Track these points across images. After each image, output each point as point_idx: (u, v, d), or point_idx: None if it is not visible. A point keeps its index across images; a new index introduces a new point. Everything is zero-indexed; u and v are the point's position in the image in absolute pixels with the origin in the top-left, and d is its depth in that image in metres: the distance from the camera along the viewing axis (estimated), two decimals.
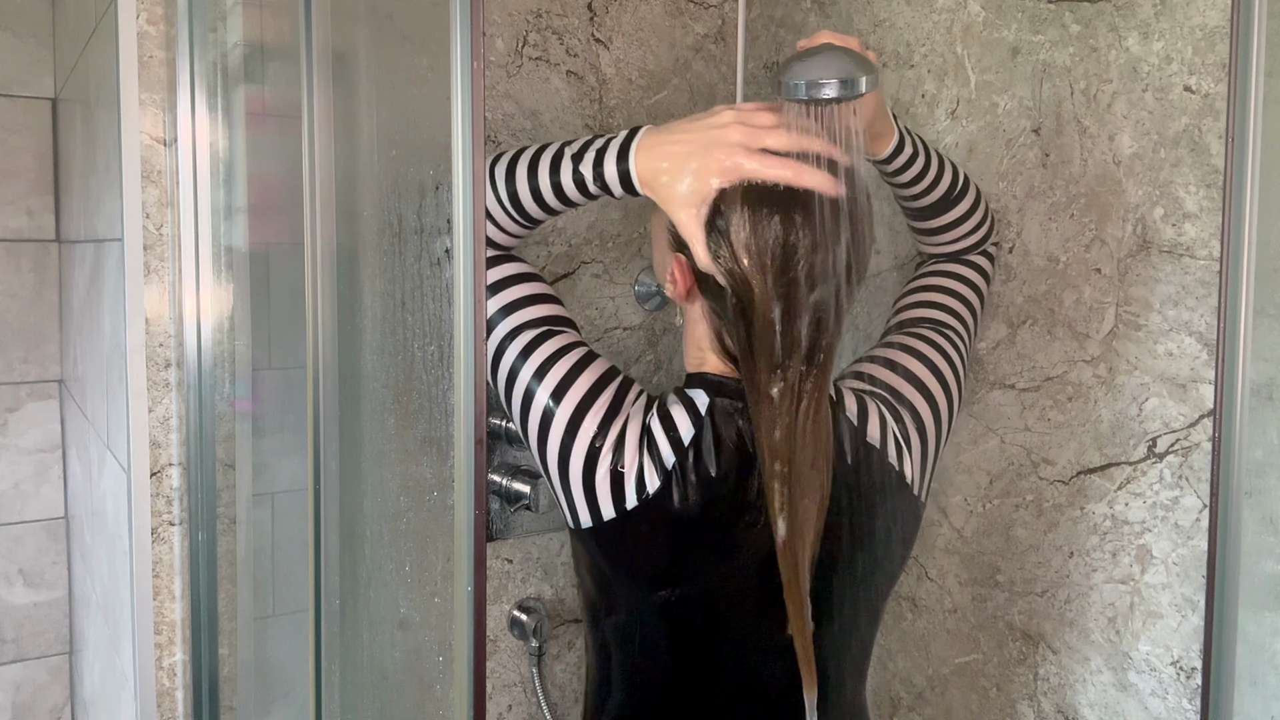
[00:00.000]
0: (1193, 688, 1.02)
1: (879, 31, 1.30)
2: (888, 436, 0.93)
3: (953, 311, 1.05)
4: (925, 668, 1.29)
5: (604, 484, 0.89)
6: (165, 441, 1.20)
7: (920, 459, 0.95)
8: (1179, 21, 0.99)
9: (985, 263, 1.11)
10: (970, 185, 1.06)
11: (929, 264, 1.11)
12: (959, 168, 1.06)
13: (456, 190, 0.64)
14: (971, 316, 1.07)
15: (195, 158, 1.17)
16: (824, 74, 0.83)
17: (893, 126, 0.97)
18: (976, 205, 1.07)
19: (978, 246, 1.10)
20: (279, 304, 1.16)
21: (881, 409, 0.94)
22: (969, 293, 1.08)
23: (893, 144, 0.98)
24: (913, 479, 0.94)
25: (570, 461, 0.90)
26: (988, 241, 1.11)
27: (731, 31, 1.49)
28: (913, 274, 1.12)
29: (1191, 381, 1.00)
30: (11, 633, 1.87)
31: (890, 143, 0.98)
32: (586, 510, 0.90)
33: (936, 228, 1.07)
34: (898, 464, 0.93)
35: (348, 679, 0.90)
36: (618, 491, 0.89)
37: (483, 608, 0.65)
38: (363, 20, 0.89)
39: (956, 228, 1.07)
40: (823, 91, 0.83)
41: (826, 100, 0.83)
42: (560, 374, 0.92)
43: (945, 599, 1.26)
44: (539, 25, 1.34)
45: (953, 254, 1.10)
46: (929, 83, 1.24)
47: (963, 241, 1.09)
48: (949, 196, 1.04)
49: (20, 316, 1.84)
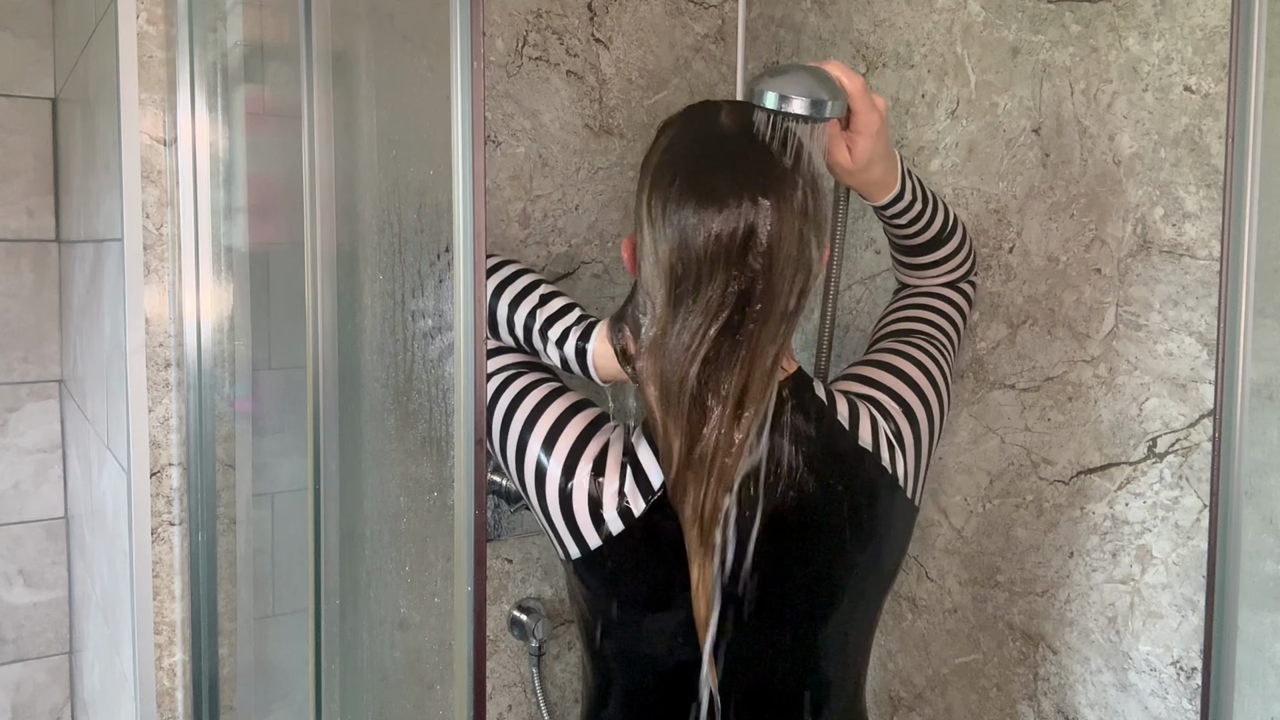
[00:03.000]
0: (1193, 688, 1.02)
1: (879, 31, 1.30)
2: (880, 439, 0.93)
3: (937, 326, 1.06)
4: (925, 668, 1.29)
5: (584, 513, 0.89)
6: (165, 441, 1.20)
7: (914, 460, 0.95)
8: (1179, 21, 0.99)
9: (967, 292, 1.11)
10: (960, 224, 1.07)
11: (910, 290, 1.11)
12: (949, 206, 1.06)
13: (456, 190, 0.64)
14: (955, 333, 1.08)
15: (195, 158, 1.17)
16: (796, 91, 0.84)
17: (897, 177, 0.97)
18: (963, 243, 1.08)
19: (959, 281, 1.11)
20: (279, 304, 1.16)
21: (873, 411, 0.94)
22: (953, 312, 1.08)
23: (893, 194, 0.97)
24: (905, 481, 0.94)
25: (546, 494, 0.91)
26: (972, 273, 1.12)
27: (731, 31, 1.49)
28: (893, 299, 1.12)
29: (1191, 381, 1.00)
30: (11, 633, 1.87)
31: (891, 192, 0.97)
32: (573, 541, 0.90)
33: (923, 264, 1.08)
34: (890, 467, 0.92)
35: (348, 679, 0.90)
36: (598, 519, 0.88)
37: (483, 608, 0.65)
38: (363, 20, 0.89)
39: (943, 265, 1.08)
40: (791, 106, 0.84)
41: (793, 116, 0.85)
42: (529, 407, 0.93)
43: (945, 599, 1.26)
44: (539, 25, 1.34)
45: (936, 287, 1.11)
46: (929, 83, 1.24)
47: (946, 276, 1.09)
48: (940, 236, 1.05)
49: (20, 316, 1.84)
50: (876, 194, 0.97)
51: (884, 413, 0.95)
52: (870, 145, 0.91)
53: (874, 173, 0.94)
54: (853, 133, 0.90)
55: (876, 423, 0.93)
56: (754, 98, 0.86)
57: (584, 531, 0.89)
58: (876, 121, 0.89)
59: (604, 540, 0.88)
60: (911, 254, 1.07)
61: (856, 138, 0.90)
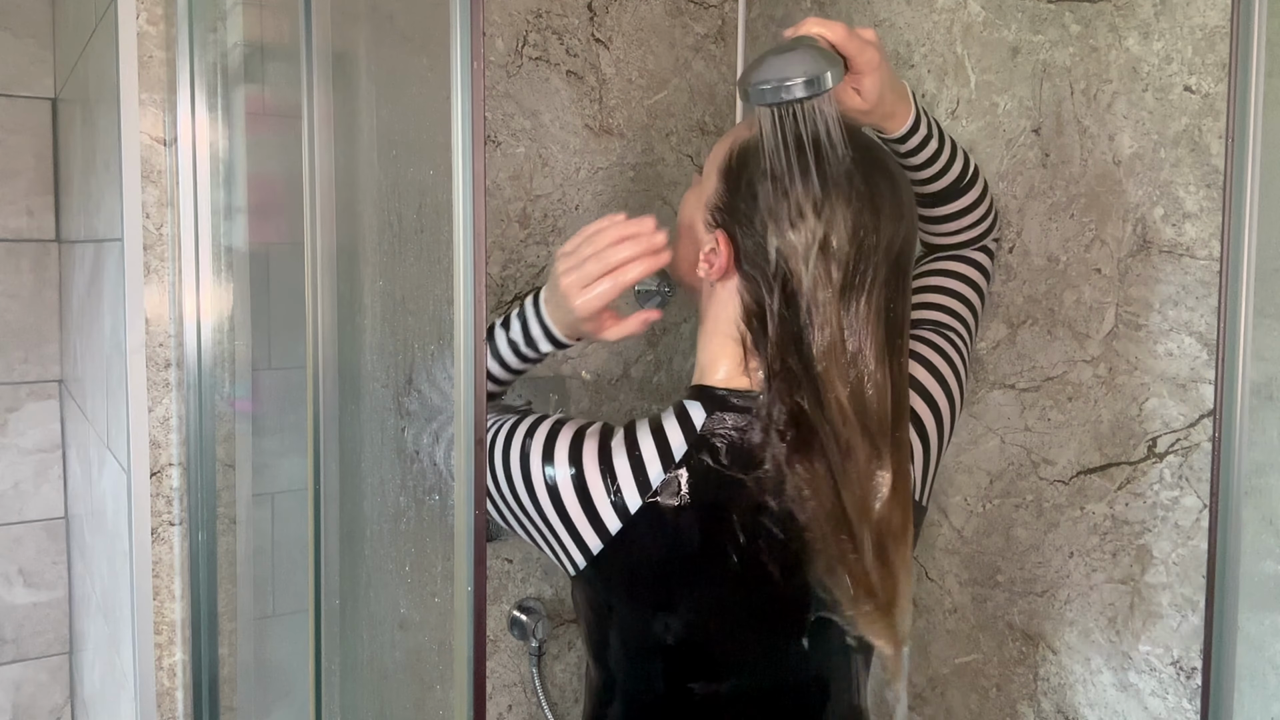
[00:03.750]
0: (1193, 688, 1.02)
1: (879, 31, 1.30)
2: None
3: (953, 312, 1.05)
4: (925, 668, 1.29)
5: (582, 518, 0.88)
6: (165, 441, 1.20)
7: (923, 465, 0.95)
8: (1179, 21, 0.99)
9: (985, 259, 1.10)
10: (980, 175, 1.05)
11: (928, 260, 1.10)
12: (969, 155, 1.05)
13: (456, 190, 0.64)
14: (972, 315, 1.07)
15: (195, 158, 1.17)
16: (788, 75, 0.82)
17: (909, 103, 0.95)
18: (984, 196, 1.06)
19: (980, 239, 1.09)
20: (279, 304, 1.16)
21: None
22: (969, 291, 1.07)
23: (909, 122, 0.96)
24: (915, 484, 0.94)
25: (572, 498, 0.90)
26: (990, 235, 1.10)
27: (731, 31, 1.49)
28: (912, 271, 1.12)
29: (1191, 381, 1.00)
30: (11, 633, 1.87)
31: (906, 121, 0.96)
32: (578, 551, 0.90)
33: (942, 216, 1.06)
34: None
35: (348, 679, 0.90)
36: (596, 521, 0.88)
37: (483, 608, 0.65)
38: (363, 20, 0.89)
39: (962, 217, 1.06)
40: (791, 93, 0.82)
41: (795, 100, 0.83)
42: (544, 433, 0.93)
43: (945, 599, 1.26)
44: (539, 25, 1.34)
45: (954, 248, 1.09)
46: (929, 83, 1.24)
47: (967, 233, 1.08)
48: (959, 184, 1.03)
49: (20, 316, 1.84)
50: (894, 125, 0.96)
51: None
52: (877, 80, 0.90)
53: (887, 104, 0.93)
54: (855, 74, 0.89)
55: None
56: (751, 99, 0.85)
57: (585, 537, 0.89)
58: (874, 55, 0.89)
59: (604, 543, 0.88)
60: (930, 204, 1.05)
61: (861, 78, 0.89)
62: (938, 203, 1.05)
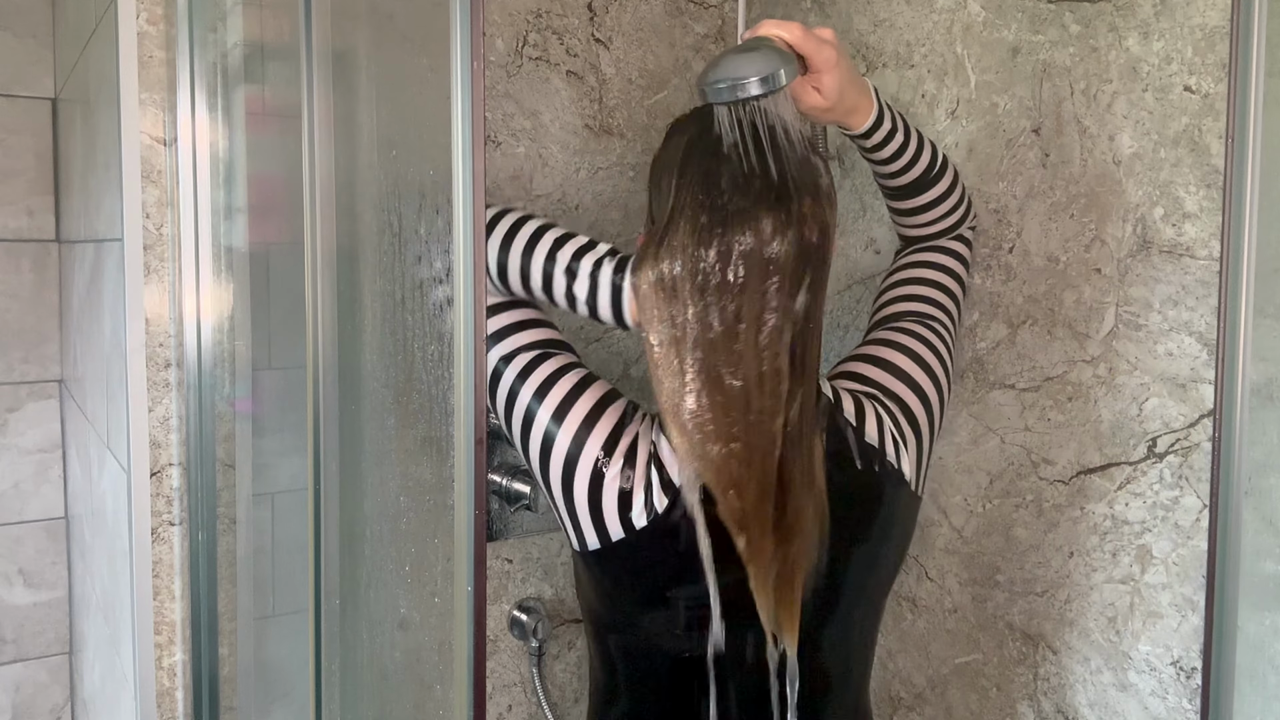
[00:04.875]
0: (1193, 688, 1.02)
1: (879, 31, 1.30)
2: (885, 435, 0.93)
3: (935, 302, 1.05)
4: (925, 668, 1.29)
5: (611, 505, 0.88)
6: (165, 441, 1.20)
7: (916, 454, 0.95)
8: (1179, 21, 0.99)
9: (963, 248, 1.10)
10: (949, 164, 1.06)
11: (906, 253, 1.10)
12: (937, 145, 1.05)
13: (456, 189, 0.64)
14: (954, 304, 1.07)
15: (195, 158, 1.17)
16: (742, 73, 0.84)
17: (871, 99, 0.95)
18: (955, 185, 1.07)
19: (955, 228, 1.09)
20: (279, 304, 1.16)
21: (877, 408, 0.94)
22: (949, 281, 1.07)
23: (872, 118, 0.96)
24: (910, 475, 0.94)
25: (575, 484, 0.89)
26: (965, 224, 1.11)
27: (731, 31, 1.49)
28: (891, 264, 1.12)
29: (1191, 381, 1.00)
30: (11, 633, 1.87)
31: (869, 117, 0.96)
32: (594, 532, 0.90)
33: (914, 208, 1.06)
34: (896, 461, 0.93)
35: (348, 679, 0.90)
36: (625, 512, 0.88)
37: (483, 608, 0.65)
38: (363, 20, 0.89)
39: (934, 208, 1.06)
40: (746, 90, 0.84)
41: (751, 98, 0.84)
42: (561, 394, 0.91)
43: (945, 599, 1.26)
44: (539, 25, 1.34)
45: (931, 239, 1.10)
46: (929, 83, 1.24)
47: (941, 223, 1.08)
48: (928, 176, 1.03)
49: (20, 316, 1.84)
50: (856, 121, 0.96)
51: (886, 409, 0.95)
52: (835, 77, 0.90)
53: (848, 100, 0.93)
54: (814, 73, 0.90)
55: (881, 419, 0.93)
56: (706, 97, 0.85)
57: (609, 523, 0.89)
58: (831, 53, 0.89)
59: (626, 533, 0.88)
60: (901, 196, 1.06)
61: (820, 76, 0.90)
62: (909, 195, 1.05)
